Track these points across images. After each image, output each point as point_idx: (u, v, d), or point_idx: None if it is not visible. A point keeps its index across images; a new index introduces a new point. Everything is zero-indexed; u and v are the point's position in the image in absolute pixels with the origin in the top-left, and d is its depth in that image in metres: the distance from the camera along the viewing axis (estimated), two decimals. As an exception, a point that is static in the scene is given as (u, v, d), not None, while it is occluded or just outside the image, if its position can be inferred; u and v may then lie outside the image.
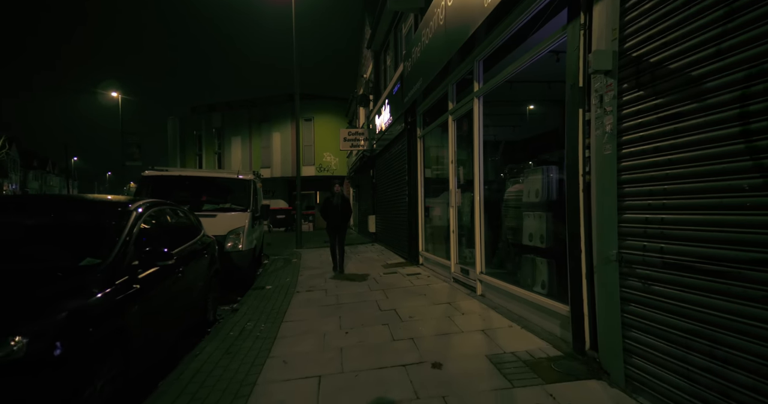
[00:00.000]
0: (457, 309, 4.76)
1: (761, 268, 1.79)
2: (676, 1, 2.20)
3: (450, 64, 5.67)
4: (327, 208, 7.58)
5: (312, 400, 2.80)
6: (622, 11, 2.55)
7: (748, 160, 1.85)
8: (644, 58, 2.39)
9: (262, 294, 6.28)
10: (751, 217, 1.83)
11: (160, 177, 7.84)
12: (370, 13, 13.45)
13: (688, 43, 2.13)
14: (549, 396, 2.61)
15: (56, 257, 2.96)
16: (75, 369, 2.30)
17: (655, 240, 2.33)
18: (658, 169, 2.31)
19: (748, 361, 1.85)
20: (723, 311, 1.96)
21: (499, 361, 3.19)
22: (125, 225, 3.34)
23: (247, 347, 3.93)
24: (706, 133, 2.04)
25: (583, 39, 2.92)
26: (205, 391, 3.02)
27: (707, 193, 2.04)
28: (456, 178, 6.15)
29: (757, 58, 1.81)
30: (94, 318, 2.54)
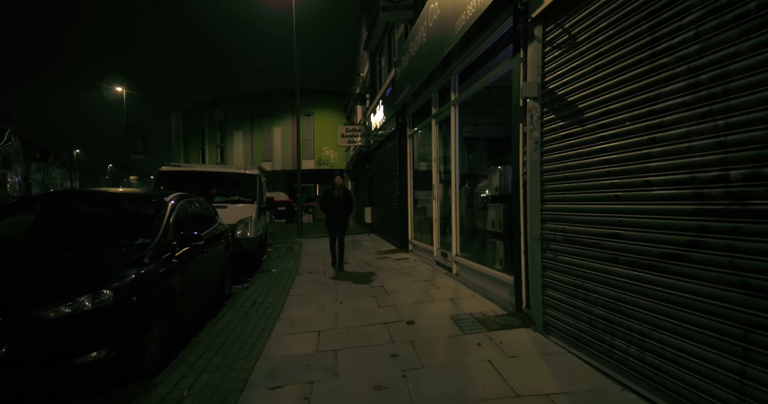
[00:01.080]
0: (434, 285, 5.69)
1: (613, 240, 2.68)
2: (568, 55, 3.07)
3: (432, 75, 6.52)
4: (327, 201, 7.29)
5: (313, 345, 3.71)
6: (542, 55, 3.42)
7: (603, 168, 2.75)
8: (554, 91, 3.27)
9: (269, 275, 7.20)
10: (607, 206, 2.72)
11: (176, 172, 8.73)
12: (366, 16, 14.21)
13: (575, 85, 3.01)
14: (489, 339, 3.53)
15: (118, 237, 3.86)
16: (143, 314, 3.22)
17: (560, 224, 3.24)
18: (561, 172, 3.20)
19: (607, 301, 2.74)
20: (593, 270, 2.86)
21: (458, 319, 4.11)
22: (165, 213, 4.24)
23: (260, 313, 4.85)
24: (583, 148, 2.93)
25: (522, 70, 3.79)
26: (231, 341, 3.93)
27: (584, 191, 2.93)
28: (438, 174, 7.04)
29: (612, 100, 2.68)
30: (151, 281, 3.45)
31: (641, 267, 2.43)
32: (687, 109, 2.15)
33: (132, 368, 3.12)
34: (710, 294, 2.02)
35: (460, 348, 3.41)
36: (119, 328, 3.04)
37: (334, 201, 7.24)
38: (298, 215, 13.86)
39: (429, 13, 6.19)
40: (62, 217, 4.31)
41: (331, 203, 7.26)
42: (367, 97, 14.52)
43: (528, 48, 3.67)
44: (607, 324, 2.75)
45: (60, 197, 4.74)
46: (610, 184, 2.69)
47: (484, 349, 3.33)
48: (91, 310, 2.91)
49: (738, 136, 1.90)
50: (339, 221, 7.29)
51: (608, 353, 2.73)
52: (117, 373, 3.02)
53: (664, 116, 2.29)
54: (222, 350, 3.70)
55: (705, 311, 2.05)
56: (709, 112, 2.03)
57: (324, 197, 7.39)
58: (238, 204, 8.39)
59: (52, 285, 2.96)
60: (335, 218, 7.29)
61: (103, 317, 2.96)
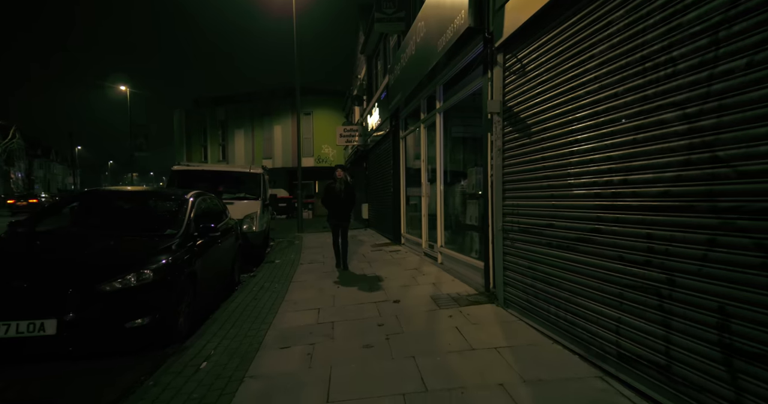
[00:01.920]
0: (420, 272, 6.44)
1: (549, 229, 3.41)
2: (521, 81, 3.80)
3: (420, 84, 7.23)
4: (328, 196, 6.86)
5: (314, 319, 4.45)
6: (503, 78, 4.15)
7: (543, 172, 3.48)
8: (512, 109, 3.99)
9: (273, 266, 7.93)
10: (546, 202, 3.44)
11: (186, 171, 9.46)
12: (363, 21, 14.88)
13: (526, 105, 3.74)
14: (459, 312, 4.28)
15: (149, 228, 4.59)
16: (174, 291, 3.95)
17: (516, 217, 3.97)
18: (517, 175, 3.93)
19: (545, 277, 3.48)
20: (538, 253, 3.59)
21: (436, 298, 4.86)
22: (186, 209, 4.97)
23: (267, 296, 5.59)
24: (531, 156, 3.66)
25: (489, 88, 4.51)
26: (244, 317, 4.67)
27: (532, 190, 3.66)
28: (426, 174, 7.77)
29: (548, 119, 3.40)
30: (180, 264, 4.18)
31: (565, 248, 3.17)
32: (591, 131, 2.88)
33: (167, 333, 3.86)
34: (602, 266, 2.76)
35: (434, 319, 4.16)
36: (158, 301, 3.77)
37: (335, 195, 6.79)
38: (299, 211, 14.60)
39: (417, 30, 6.89)
40: (99, 212, 5.04)
41: (332, 198, 6.82)
42: (364, 99, 15.22)
43: (493, 71, 4.39)
44: (545, 295, 3.49)
45: (95, 195, 5.47)
46: (548, 185, 3.43)
47: (454, 319, 4.08)
48: (136, 286, 3.65)
49: (618, 152, 2.62)
50: (342, 217, 6.89)
51: (546, 317, 3.48)
52: (156, 337, 3.76)
53: (578, 135, 3.02)
54: (238, 323, 4.43)
55: (599, 278, 2.79)
56: (601, 134, 2.76)
57: (325, 192, 6.96)
58: (244, 201, 9.11)
59: (104, 266, 3.70)
60: (337, 213, 6.86)
61: (146, 291, 3.70)
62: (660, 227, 2.33)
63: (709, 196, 2.05)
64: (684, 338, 2.18)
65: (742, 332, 1.89)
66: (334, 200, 6.82)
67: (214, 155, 27.15)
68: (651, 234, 2.39)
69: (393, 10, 9.06)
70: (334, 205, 6.85)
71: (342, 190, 6.79)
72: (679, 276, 2.21)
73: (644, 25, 2.42)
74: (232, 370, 3.22)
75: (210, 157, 27.12)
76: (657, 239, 2.35)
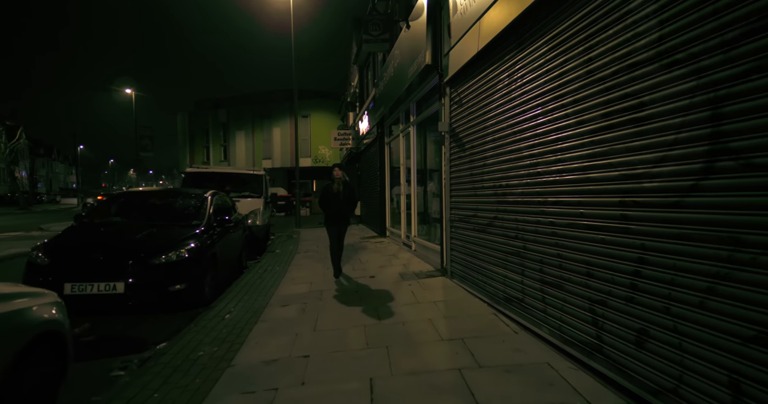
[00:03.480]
0: (396, 257, 7.81)
1: (472, 217, 4.77)
2: (458, 109, 5.15)
3: (399, 100, 8.58)
4: (326, 197, 6.24)
5: (307, 289, 5.80)
6: (450, 105, 5.51)
7: (468, 177, 4.84)
8: (455, 129, 5.35)
9: (275, 254, 9.28)
10: (471, 199, 4.79)
11: (198, 172, 10.82)
12: (357, 33, 16.18)
13: (462, 128, 5.09)
14: (417, 282, 5.65)
15: (180, 219, 5.94)
16: (202, 266, 5.30)
17: (457, 210, 5.34)
18: (457, 179, 5.30)
19: (473, 252, 4.83)
20: (471, 236, 4.96)
21: (403, 274, 6.23)
22: (207, 204, 6.32)
23: (270, 275, 6.94)
24: (463, 166, 5.01)
25: (442, 112, 5.86)
26: (253, 289, 6.01)
27: (464, 190, 5.02)
28: (405, 176, 9.12)
29: (471, 141, 4.74)
30: (205, 247, 5.53)
31: (480, 231, 4.54)
32: (492, 151, 4.23)
33: (197, 297, 5.20)
34: (497, 241, 4.12)
35: (397, 287, 5.53)
36: (190, 273, 5.12)
37: (333, 196, 6.17)
38: (297, 209, 15.96)
39: (395, 56, 8.24)
40: (138, 207, 6.39)
41: (330, 199, 6.20)
42: (357, 106, 16.56)
43: (443, 99, 5.75)
44: (472, 265, 4.86)
45: (134, 194, 6.82)
46: (472, 187, 4.79)
47: (411, 286, 5.45)
48: (175, 261, 5.00)
49: (503, 166, 3.98)
50: (340, 220, 6.28)
51: (473, 281, 4.85)
52: (190, 299, 5.10)
53: (486, 153, 4.38)
54: (248, 292, 5.79)
55: (496, 249, 4.16)
56: (497, 154, 4.11)
57: (322, 193, 6.35)
58: (248, 199, 10.46)
59: (153, 246, 5.04)
60: (336, 216, 6.24)
61: (182, 265, 5.05)
62: (521, 214, 3.69)
63: (534, 195, 3.41)
64: (531, 282, 3.55)
65: (557, 271, 3.25)
66: (332, 202, 6.19)
67: (216, 155, 28.46)
68: (518, 219, 3.76)
69: (378, 33, 10.36)
70: (332, 207, 6.21)
71: (341, 190, 6.17)
72: (530, 243, 3.57)
73: (517, 85, 3.78)
74: (248, 319, 4.57)
75: (212, 157, 28.43)
76: (521, 222, 3.71)
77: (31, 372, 2.40)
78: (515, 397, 2.59)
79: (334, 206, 6.21)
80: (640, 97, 2.36)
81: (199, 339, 3.96)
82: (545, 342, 3.32)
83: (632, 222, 2.44)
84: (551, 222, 3.26)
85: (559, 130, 3.16)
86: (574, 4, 2.94)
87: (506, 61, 3.99)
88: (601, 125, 2.69)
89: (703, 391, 2.00)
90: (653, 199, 2.30)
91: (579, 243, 2.92)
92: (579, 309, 2.92)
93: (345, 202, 6.21)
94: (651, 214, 2.31)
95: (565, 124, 3.08)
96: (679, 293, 2.13)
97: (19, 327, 2.34)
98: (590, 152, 2.80)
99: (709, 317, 1.96)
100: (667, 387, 2.20)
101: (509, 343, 3.42)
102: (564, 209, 3.10)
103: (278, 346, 3.67)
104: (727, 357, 1.88)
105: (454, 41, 5.23)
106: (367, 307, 4.69)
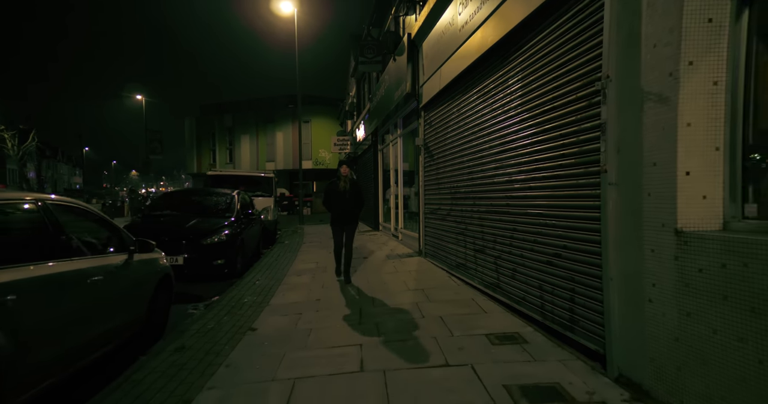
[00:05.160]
0: (385, 245, 9.54)
1: (438, 211, 6.49)
2: (429, 129, 6.88)
3: (388, 115, 10.31)
4: (331, 196, 5.85)
5: (314, 265, 7.52)
6: (424, 125, 7.24)
7: (436, 181, 6.56)
8: (428, 144, 7.08)
9: (284, 245, 11.00)
10: (436, 197, 6.50)
11: (217, 175, 12.56)
12: (354, 49, 17.90)
13: (431, 144, 6.82)
14: (399, 260, 7.39)
15: (216, 213, 7.66)
16: (234, 247, 7.03)
17: (428, 205, 7.07)
18: (428, 181, 7.03)
19: (439, 234, 6.54)
20: (437, 224, 6.68)
21: (389, 255, 7.97)
22: (235, 201, 8.06)
23: (283, 259, 8.66)
24: (432, 171, 6.73)
25: (419, 130, 7.59)
26: (272, 267, 7.73)
27: (433, 190, 6.74)
28: (394, 178, 10.85)
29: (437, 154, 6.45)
30: (236, 233, 7.25)
31: (442, 220, 6.28)
32: (447, 163, 5.95)
33: (232, 270, 6.91)
34: (453, 227, 5.84)
35: (383, 263, 7.25)
36: (227, 251, 6.84)
37: (339, 195, 5.79)
38: (300, 207, 17.68)
39: (385, 80, 9.99)
40: (180, 203, 8.11)
41: (336, 198, 5.81)
42: (354, 114, 18.28)
43: (420, 120, 7.48)
44: (438, 245, 6.58)
45: (177, 193, 8.54)
46: (437, 188, 6.52)
47: (394, 263, 7.18)
48: (217, 243, 6.72)
49: (455, 173, 5.70)
50: (346, 220, 5.90)
51: (438, 257, 6.57)
52: (227, 270, 6.81)
53: (445, 163, 6.11)
54: (269, 270, 7.50)
55: (451, 232, 5.88)
56: (451, 164, 5.83)
57: (327, 192, 5.94)
58: (261, 198, 12.18)
59: (201, 231, 6.76)
60: (342, 217, 5.87)
61: (221, 246, 6.77)
62: (465, 207, 5.42)
63: (471, 193, 5.13)
64: (469, 252, 5.27)
65: (481, 242, 4.97)
66: (338, 201, 5.80)
67: (222, 158, 30.15)
68: (463, 210, 5.49)
69: (373, 55, 12.09)
70: (338, 207, 5.82)
71: (347, 189, 5.78)
72: (468, 226, 5.29)
73: (461, 118, 5.51)
74: (272, 284, 6.28)
75: (218, 160, 30.13)
76: (465, 212, 5.44)
77: (161, 294, 4.15)
78: (446, 312, 4.32)
79: (339, 206, 5.78)
80: (508, 136, 4.09)
81: (241, 294, 5.68)
82: (475, 288, 5.06)
83: (511, 208, 4.18)
84: (479, 210, 5.00)
85: (481, 151, 4.90)
86: (493, 71, 4.67)
87: (456, 99, 5.72)
88: (497, 150, 4.43)
89: (533, 294, 3.72)
90: (518, 194, 4.03)
91: (491, 223, 4.65)
92: (490, 263, 4.66)
93: (352, 201, 5.80)
94: (517, 202, 4.05)
95: (483, 147, 4.82)
96: (523, 244, 3.86)
97: (160, 268, 4.10)
98: (495, 165, 4.54)
99: (534, 254, 3.69)
100: (522, 296, 3.93)
101: (452, 290, 5.17)
102: (485, 202, 4.83)
103: (298, 296, 5.40)
104: (537, 270, 3.60)
105: (425, 78, 6.97)
106: (360, 275, 6.42)
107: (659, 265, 2.31)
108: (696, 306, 2.11)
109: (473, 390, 2.67)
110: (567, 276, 3.25)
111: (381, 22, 12.40)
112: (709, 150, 2.19)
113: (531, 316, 3.80)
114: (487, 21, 4.46)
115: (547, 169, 3.53)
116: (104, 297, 3.17)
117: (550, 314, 3.51)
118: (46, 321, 2.50)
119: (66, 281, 2.73)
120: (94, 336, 3.00)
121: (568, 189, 3.25)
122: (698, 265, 2.09)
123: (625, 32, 2.55)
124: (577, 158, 3.13)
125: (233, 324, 4.33)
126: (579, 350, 3.11)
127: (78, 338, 2.80)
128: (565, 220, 3.28)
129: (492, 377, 2.83)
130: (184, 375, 3.10)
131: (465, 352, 3.28)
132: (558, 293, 3.38)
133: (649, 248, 2.38)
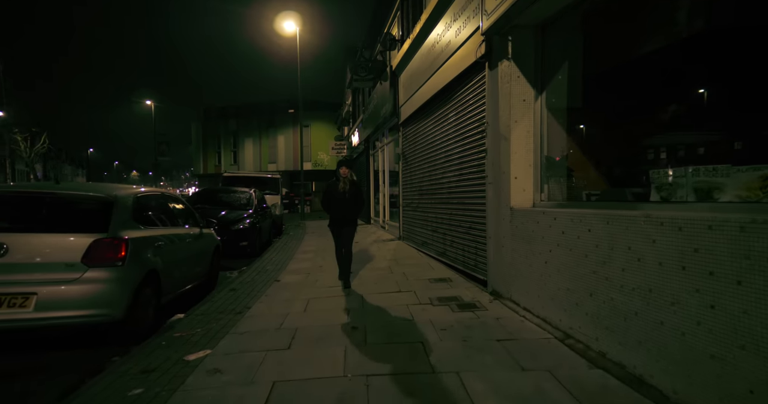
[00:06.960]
0: (373, 233, 11.61)
1: (413, 204, 8.52)
2: (407, 141, 8.92)
3: (378, 126, 12.35)
4: (330, 197, 5.70)
5: (315, 249, 9.56)
6: (403, 137, 9.29)
7: (416, 182, 8.61)
8: (405, 153, 9.13)
9: (290, 235, 13.04)
10: (412, 194, 8.53)
11: (231, 176, 14.60)
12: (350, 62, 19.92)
13: (409, 153, 8.86)
14: (383, 243, 9.44)
15: (239, 206, 9.70)
16: (255, 233, 9.10)
17: (406, 200, 9.12)
18: (406, 182, 9.07)
19: (412, 222, 8.57)
20: (411, 214, 8.71)
21: (375, 240, 10.03)
22: (253, 197, 10.13)
23: (291, 244, 10.69)
24: (409, 174, 8.77)
25: (400, 140, 9.63)
26: (282, 251, 9.75)
27: (410, 189, 8.78)
28: (383, 179, 12.90)
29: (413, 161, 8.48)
30: (255, 222, 9.32)
31: (413, 210, 8.32)
32: (418, 168, 7.99)
33: (253, 250, 8.96)
34: (423, 216, 7.88)
35: (370, 245, 9.30)
36: (249, 236, 8.89)
37: (339, 196, 5.62)
38: (301, 205, 19.73)
39: (374, 97, 12.04)
40: (211, 199, 10.14)
41: (335, 199, 5.66)
42: (350, 121, 20.32)
43: (399, 133, 9.53)
44: (412, 230, 8.63)
45: (209, 190, 10.60)
46: (411, 187, 8.56)
47: (378, 245, 9.24)
48: (242, 229, 8.78)
49: (423, 176, 7.74)
50: (345, 222, 5.78)
51: (412, 240, 8.62)
52: (249, 251, 8.85)
53: (417, 169, 8.15)
54: (281, 252, 9.53)
55: (421, 219, 7.93)
56: (421, 169, 7.86)
57: (326, 193, 5.80)
58: (269, 195, 14.20)
59: (230, 219, 8.79)
60: (341, 218, 5.73)
61: (245, 231, 8.83)
62: (428, 200, 7.46)
63: (432, 189, 7.16)
64: (430, 232, 7.30)
65: (436, 225, 7.01)
66: (337, 202, 5.66)
67: (227, 160, 32.14)
68: (428, 203, 7.54)
69: (365, 74, 14.10)
70: (337, 208, 5.68)
71: (346, 190, 5.61)
72: (429, 214, 7.33)
73: (425, 136, 7.55)
74: (285, 259, 8.31)
75: (223, 161, 32.11)
76: (428, 204, 7.48)
77: (214, 258, 6.19)
78: (408, 270, 6.36)
79: (338, 208, 5.65)
80: (449, 151, 6.13)
81: (263, 265, 7.71)
82: (431, 257, 7.12)
83: (450, 200, 6.23)
84: (434, 202, 7.05)
85: (435, 159, 6.95)
86: (441, 107, 6.70)
87: (421, 121, 7.78)
88: (442, 160, 6.49)
89: (459, 254, 5.76)
90: (453, 190, 6.08)
91: (440, 211, 6.70)
92: (439, 238, 6.72)
93: (351, 202, 5.67)
94: (452, 195, 6.10)
95: (436, 156, 6.87)
96: (457, 223, 5.89)
97: (215, 240, 6.15)
98: (441, 170, 6.59)
99: (460, 228, 5.72)
100: (455, 257, 5.97)
101: (416, 259, 7.24)
102: (437, 196, 6.88)
103: (305, 265, 7.45)
104: (461, 238, 5.64)
105: (403, 100, 9.03)
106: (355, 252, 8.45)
107: (505, 226, 4.37)
108: (516, 245, 4.16)
109: (412, 300, 4.74)
110: (473, 239, 5.32)
111: (372, 45, 14.47)
112: (526, 165, 4.24)
113: (459, 268, 5.86)
114: (436, 73, 6.53)
115: (466, 173, 5.59)
116: (193, 252, 5.23)
117: (467, 263, 5.58)
118: (174, 258, 4.55)
119: (180, 238, 4.79)
120: (190, 274, 5.06)
121: (474, 185, 5.31)
122: (517, 224, 4.14)
123: (493, 99, 4.61)
124: (477, 167, 5.19)
125: (263, 278, 6.38)
126: (479, 283, 5.17)
127: (185, 271, 4.86)
128: (473, 205, 5.35)
129: (424, 296, 4.89)
130: (241, 298, 5.16)
131: (413, 286, 5.35)
132: (470, 250, 5.45)
133: (502, 218, 4.43)
